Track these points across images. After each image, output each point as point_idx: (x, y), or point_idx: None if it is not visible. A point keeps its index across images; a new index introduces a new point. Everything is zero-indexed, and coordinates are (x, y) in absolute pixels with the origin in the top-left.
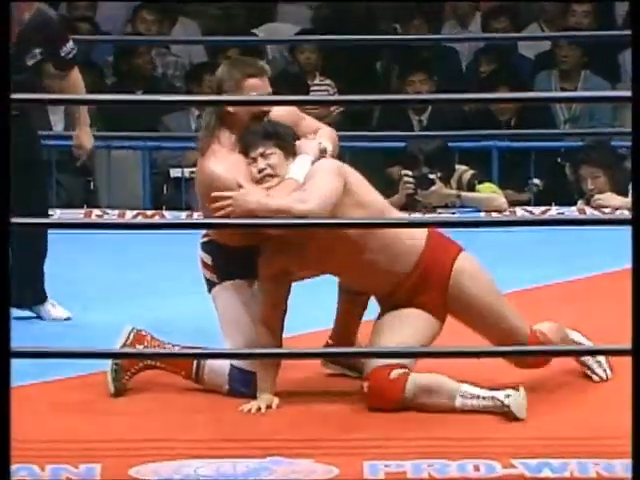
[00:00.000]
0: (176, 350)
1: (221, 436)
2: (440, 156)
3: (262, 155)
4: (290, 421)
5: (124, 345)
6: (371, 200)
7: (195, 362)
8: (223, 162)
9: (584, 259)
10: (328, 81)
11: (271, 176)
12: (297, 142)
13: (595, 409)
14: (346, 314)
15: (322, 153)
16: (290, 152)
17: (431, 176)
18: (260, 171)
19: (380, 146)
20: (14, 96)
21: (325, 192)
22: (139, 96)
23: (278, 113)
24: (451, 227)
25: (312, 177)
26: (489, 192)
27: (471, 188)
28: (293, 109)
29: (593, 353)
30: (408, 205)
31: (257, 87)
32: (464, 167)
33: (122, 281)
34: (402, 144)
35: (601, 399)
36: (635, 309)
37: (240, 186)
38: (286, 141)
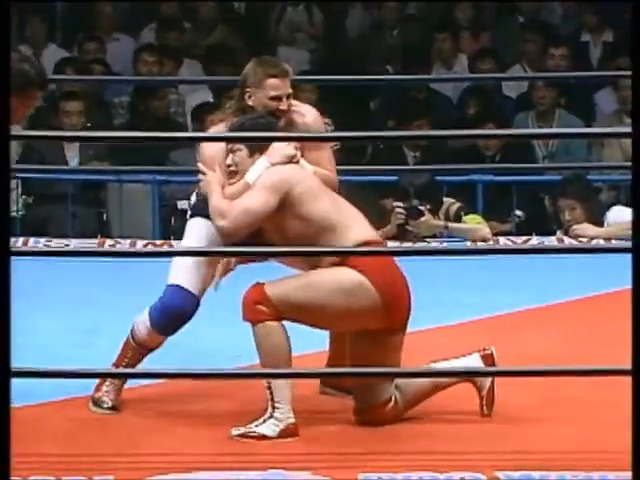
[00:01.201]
0: (173, 370)
1: (225, 450)
2: (429, 189)
3: (231, 150)
4: (289, 436)
5: None
6: (312, 213)
7: (130, 335)
8: (212, 145)
9: (562, 285)
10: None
11: (235, 172)
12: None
13: (577, 425)
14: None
15: (288, 159)
16: (258, 150)
17: (421, 208)
18: (228, 166)
19: (374, 179)
20: (14, 133)
21: (246, 211)
22: (124, 133)
23: (308, 120)
24: (439, 255)
25: (251, 188)
26: (474, 223)
27: (458, 219)
28: (323, 129)
29: (594, 374)
30: (399, 235)
31: (277, 87)
32: (451, 200)
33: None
34: (394, 178)
35: (583, 415)
36: (635, 331)
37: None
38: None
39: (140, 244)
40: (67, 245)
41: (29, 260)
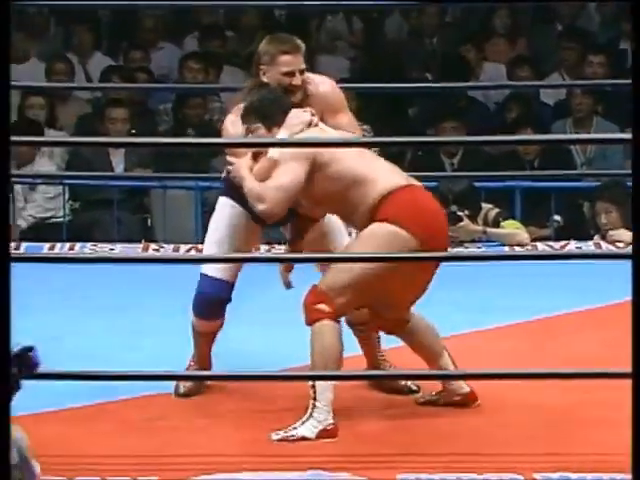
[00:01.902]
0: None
1: (267, 451)
2: (468, 195)
3: (250, 131)
4: (328, 437)
5: None
6: (340, 172)
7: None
8: (236, 125)
9: (599, 289)
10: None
11: (259, 152)
12: (290, 113)
13: (613, 427)
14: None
15: (306, 125)
16: (275, 125)
17: (459, 213)
18: None
19: None
20: (14, 138)
21: (280, 189)
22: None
23: (324, 89)
24: (477, 261)
25: (279, 165)
26: (513, 228)
27: (496, 225)
28: (340, 97)
29: (595, 377)
30: None
31: (289, 63)
32: (489, 206)
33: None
34: (434, 184)
35: (619, 418)
36: (635, 336)
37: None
38: (268, 117)
39: (183, 249)
40: (112, 250)
41: (75, 266)
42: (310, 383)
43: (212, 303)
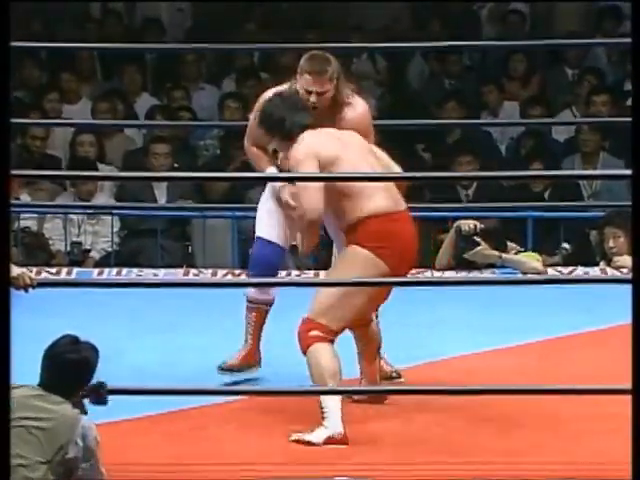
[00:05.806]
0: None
1: (296, 460)
2: (495, 233)
3: (275, 151)
4: (352, 446)
5: None
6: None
7: (247, 301)
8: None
9: (608, 311)
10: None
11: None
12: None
13: (621, 438)
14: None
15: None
16: (289, 139)
17: (476, 239)
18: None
19: (432, 215)
20: (15, 172)
21: (307, 191)
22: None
23: (354, 114)
24: (492, 285)
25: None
26: (532, 259)
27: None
28: (366, 123)
29: (597, 393)
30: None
31: (309, 83)
32: (516, 246)
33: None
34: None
35: (613, 430)
36: (635, 355)
37: None
38: (279, 130)
39: (220, 273)
40: (156, 275)
41: (122, 291)
42: (317, 397)
43: (268, 263)
